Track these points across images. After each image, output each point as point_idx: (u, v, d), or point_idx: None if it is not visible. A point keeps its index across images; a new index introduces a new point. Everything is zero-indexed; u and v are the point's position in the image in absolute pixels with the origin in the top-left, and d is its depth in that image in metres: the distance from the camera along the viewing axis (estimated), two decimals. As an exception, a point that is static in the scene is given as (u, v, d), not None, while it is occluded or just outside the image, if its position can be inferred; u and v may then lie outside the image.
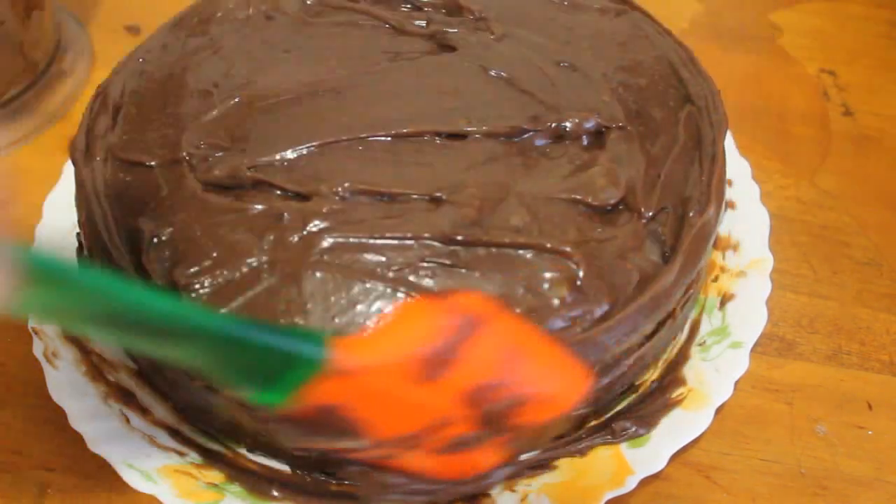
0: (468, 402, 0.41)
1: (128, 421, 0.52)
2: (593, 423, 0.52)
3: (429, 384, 0.39)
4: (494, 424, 0.42)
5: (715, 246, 0.58)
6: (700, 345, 0.55)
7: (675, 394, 0.53)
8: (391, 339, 0.40)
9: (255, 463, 0.51)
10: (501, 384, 0.40)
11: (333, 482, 0.50)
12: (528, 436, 0.45)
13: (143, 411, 0.53)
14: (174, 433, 0.52)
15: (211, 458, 0.51)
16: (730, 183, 0.59)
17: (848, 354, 0.58)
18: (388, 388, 0.40)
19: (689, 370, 0.54)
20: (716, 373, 0.53)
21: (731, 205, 0.60)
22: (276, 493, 0.50)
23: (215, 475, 0.50)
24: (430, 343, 0.39)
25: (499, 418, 0.42)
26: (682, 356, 0.55)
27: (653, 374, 0.54)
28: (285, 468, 0.51)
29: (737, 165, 0.62)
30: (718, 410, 0.52)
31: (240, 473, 0.51)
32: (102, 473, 0.52)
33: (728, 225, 0.60)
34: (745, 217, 0.60)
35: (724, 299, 0.57)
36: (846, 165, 0.69)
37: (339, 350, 0.39)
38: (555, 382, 0.42)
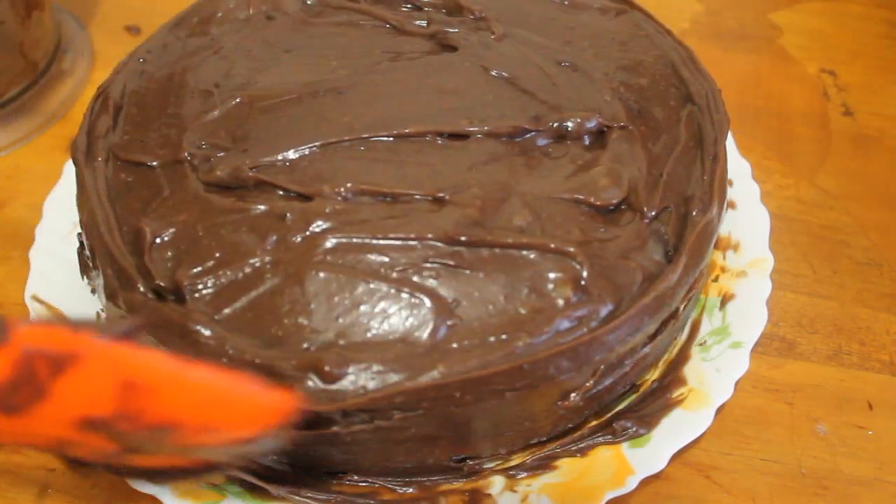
0: (89, 429, 0.38)
1: (128, 421, 0.52)
2: (594, 422, 0.52)
3: (18, 414, 0.37)
4: (143, 447, 0.40)
5: (715, 246, 0.58)
6: (700, 345, 0.55)
7: (676, 394, 0.53)
8: None
9: (255, 463, 0.51)
10: (121, 417, 0.38)
11: (333, 482, 0.50)
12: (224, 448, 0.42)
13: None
14: (175, 433, 0.52)
15: (211, 459, 0.51)
16: (730, 183, 0.59)
17: (848, 354, 0.58)
18: None
19: (690, 370, 0.54)
20: (716, 373, 0.53)
21: (731, 205, 0.60)
22: (276, 493, 0.50)
23: (215, 475, 0.50)
24: None
25: (144, 441, 0.39)
26: (682, 356, 0.55)
27: (653, 374, 0.54)
28: (285, 468, 0.51)
29: (737, 165, 0.62)
30: (719, 410, 0.52)
31: (240, 473, 0.50)
32: (103, 473, 0.52)
33: (728, 225, 0.60)
34: (746, 217, 0.60)
35: (725, 299, 0.57)
36: (846, 165, 0.69)
37: None
38: (211, 409, 0.40)
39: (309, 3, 0.63)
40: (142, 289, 0.47)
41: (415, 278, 0.47)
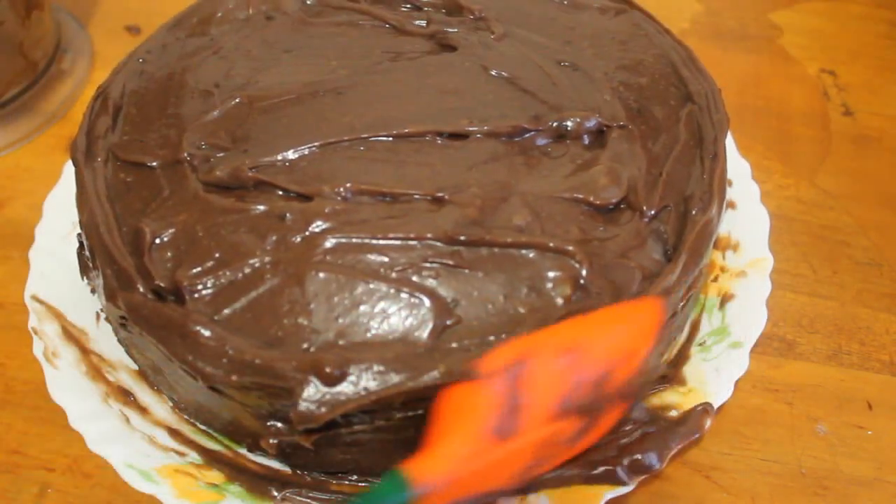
0: (559, 416, 0.41)
1: (128, 421, 0.52)
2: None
3: (511, 435, 0.40)
4: (596, 408, 0.43)
5: (715, 246, 0.58)
6: (700, 345, 0.55)
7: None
8: (452, 439, 0.40)
9: (255, 463, 0.51)
10: (577, 386, 0.41)
11: (333, 482, 0.50)
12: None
13: (143, 411, 0.53)
14: (174, 433, 0.52)
15: (211, 458, 0.51)
16: (730, 183, 0.59)
17: (848, 354, 0.58)
18: (477, 466, 0.40)
19: (690, 370, 0.54)
20: (716, 373, 0.53)
21: (731, 205, 0.60)
22: (275, 493, 0.50)
23: (215, 475, 0.50)
24: (488, 417, 0.39)
25: (598, 401, 0.42)
26: (682, 356, 0.55)
27: (653, 374, 0.54)
28: (285, 468, 0.51)
29: (737, 165, 0.62)
30: (718, 411, 0.52)
31: (240, 473, 0.51)
32: (102, 473, 0.52)
33: (728, 225, 0.60)
34: (745, 217, 0.60)
35: (724, 299, 0.57)
36: (846, 165, 0.69)
37: (419, 479, 0.39)
38: (622, 340, 0.43)
39: (309, 3, 0.63)
40: (141, 289, 0.47)
41: (414, 278, 0.47)
